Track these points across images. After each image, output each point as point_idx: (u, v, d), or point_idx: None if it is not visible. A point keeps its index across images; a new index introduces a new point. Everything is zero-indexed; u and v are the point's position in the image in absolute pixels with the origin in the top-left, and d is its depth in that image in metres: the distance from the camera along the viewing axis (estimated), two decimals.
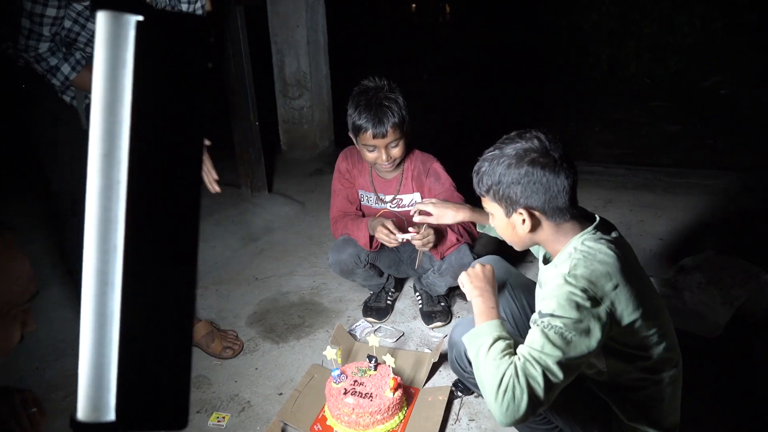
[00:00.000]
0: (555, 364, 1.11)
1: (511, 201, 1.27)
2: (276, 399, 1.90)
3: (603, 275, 1.18)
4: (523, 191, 1.24)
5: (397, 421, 1.74)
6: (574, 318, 1.13)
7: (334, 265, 2.20)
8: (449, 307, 2.33)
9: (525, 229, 1.29)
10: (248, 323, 2.34)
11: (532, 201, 1.25)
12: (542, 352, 1.12)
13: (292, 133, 4.33)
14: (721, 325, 2.04)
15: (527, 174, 1.23)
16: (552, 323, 1.14)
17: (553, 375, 1.11)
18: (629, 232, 2.96)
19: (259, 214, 3.32)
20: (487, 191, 1.30)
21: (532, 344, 1.14)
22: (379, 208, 2.26)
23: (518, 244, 1.38)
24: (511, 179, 1.24)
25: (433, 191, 2.16)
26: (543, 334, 1.14)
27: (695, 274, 2.21)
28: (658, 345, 1.27)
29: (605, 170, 3.87)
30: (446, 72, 7.36)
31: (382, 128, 1.98)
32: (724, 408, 1.76)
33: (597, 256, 1.21)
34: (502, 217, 1.31)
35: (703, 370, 1.92)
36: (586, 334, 1.14)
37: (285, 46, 4.09)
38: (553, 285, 1.20)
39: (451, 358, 1.57)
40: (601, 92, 6.46)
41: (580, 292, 1.15)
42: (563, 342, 1.12)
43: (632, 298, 1.21)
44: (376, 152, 2.05)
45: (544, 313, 1.17)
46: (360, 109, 2.00)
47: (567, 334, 1.13)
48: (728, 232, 2.90)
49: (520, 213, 1.27)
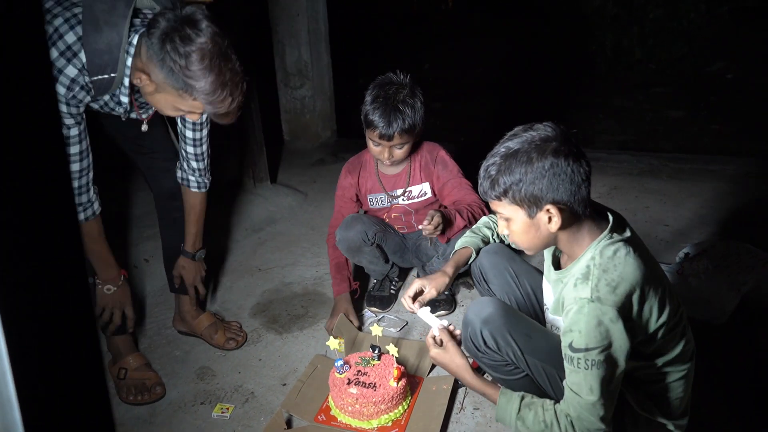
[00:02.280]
0: (603, 404, 1.17)
1: (536, 199, 1.18)
2: (280, 390, 1.90)
3: (627, 291, 1.15)
4: (549, 185, 1.16)
5: (401, 410, 1.73)
6: (608, 343, 1.13)
7: (342, 242, 2.19)
8: (453, 295, 2.32)
9: (553, 228, 1.21)
10: (251, 314, 2.33)
11: (560, 194, 1.17)
12: (593, 403, 1.16)
13: (294, 123, 4.31)
14: (728, 312, 2.02)
15: (553, 166, 1.15)
16: (590, 358, 1.13)
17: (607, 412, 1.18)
18: (635, 218, 2.94)
19: (261, 205, 3.30)
20: (504, 193, 1.21)
21: (579, 393, 1.17)
22: (390, 206, 2.25)
23: (537, 248, 1.31)
24: (535, 175, 1.16)
25: (441, 179, 2.16)
26: (587, 376, 1.15)
27: (701, 260, 2.19)
28: (678, 343, 1.25)
29: (609, 157, 3.83)
30: (448, 61, 7.30)
31: (390, 131, 1.97)
32: (730, 394, 1.74)
33: (617, 269, 1.16)
34: (524, 219, 1.23)
35: (710, 356, 1.91)
36: (622, 350, 1.15)
37: (286, 35, 4.05)
38: (576, 313, 1.15)
39: (465, 337, 1.53)
40: (604, 78, 6.40)
41: (608, 312, 1.12)
42: (607, 371, 1.14)
43: (656, 305, 1.19)
44: (380, 148, 2.05)
45: (578, 348, 1.14)
46: (375, 105, 1.99)
47: (609, 360, 1.14)
48: (734, 218, 2.87)
49: (547, 210, 1.19)
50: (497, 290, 1.65)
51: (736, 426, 1.63)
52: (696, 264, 2.18)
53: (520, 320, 1.46)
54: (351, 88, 4.67)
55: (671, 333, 1.23)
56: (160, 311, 2.34)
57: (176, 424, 1.77)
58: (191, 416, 1.80)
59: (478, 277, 1.69)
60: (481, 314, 1.44)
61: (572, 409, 1.21)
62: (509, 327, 1.40)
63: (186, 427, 1.76)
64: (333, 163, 3.89)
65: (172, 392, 1.90)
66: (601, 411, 1.18)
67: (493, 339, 1.41)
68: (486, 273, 1.66)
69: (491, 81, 6.48)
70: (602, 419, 1.19)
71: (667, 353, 1.26)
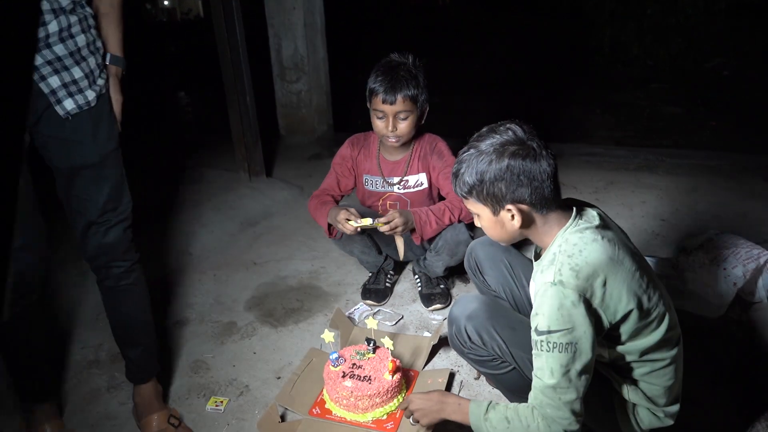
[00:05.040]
0: (567, 388, 1.16)
1: (497, 198, 1.24)
2: (274, 383, 1.89)
3: (590, 274, 1.16)
4: (508, 186, 1.21)
5: (396, 404, 1.72)
6: (569, 327, 1.14)
7: None
8: (448, 289, 2.31)
9: (515, 225, 1.26)
10: (246, 307, 2.32)
11: (519, 194, 1.22)
12: (554, 386, 1.16)
13: (291, 117, 4.29)
14: (724, 306, 2.02)
15: (509, 168, 1.20)
16: (551, 340, 1.15)
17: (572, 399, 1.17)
18: (631, 213, 2.93)
19: (257, 199, 3.29)
20: (469, 192, 1.27)
21: (542, 378, 1.18)
22: (384, 192, 2.24)
23: (507, 241, 1.36)
24: (494, 176, 1.21)
25: (436, 169, 2.16)
26: (548, 358, 1.16)
27: (697, 254, 2.19)
28: (657, 327, 1.25)
29: (606, 152, 3.83)
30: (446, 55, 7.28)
31: (393, 95, 1.99)
32: (725, 388, 1.74)
33: (582, 254, 1.18)
34: (489, 216, 1.28)
35: (705, 350, 1.91)
36: (586, 337, 1.15)
37: (281, 29, 4.03)
38: (541, 296, 1.19)
39: (450, 335, 1.56)
40: (602, 74, 6.40)
41: (569, 296, 1.14)
42: (568, 355, 1.14)
43: (625, 288, 1.19)
44: (384, 121, 2.05)
45: (541, 330, 1.17)
46: (377, 74, 2.03)
47: (569, 344, 1.14)
48: (730, 213, 2.87)
49: (508, 209, 1.24)
50: (492, 281, 1.64)
51: (730, 416, 1.63)
52: (692, 258, 2.18)
53: (504, 314, 1.48)
54: (348, 82, 4.66)
55: (648, 317, 1.23)
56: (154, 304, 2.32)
57: None
58: (185, 409, 1.79)
59: (474, 269, 1.69)
60: (465, 310, 1.47)
61: (533, 395, 1.21)
62: (493, 321, 1.43)
63: None
64: (329, 157, 3.85)
65: (166, 386, 1.89)
66: (563, 396, 1.16)
67: (477, 334, 1.43)
68: (481, 264, 1.66)
69: (489, 76, 6.47)
70: (567, 406, 1.17)
71: (646, 338, 1.25)
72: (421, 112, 2.09)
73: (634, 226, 2.78)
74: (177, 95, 6.72)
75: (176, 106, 6.24)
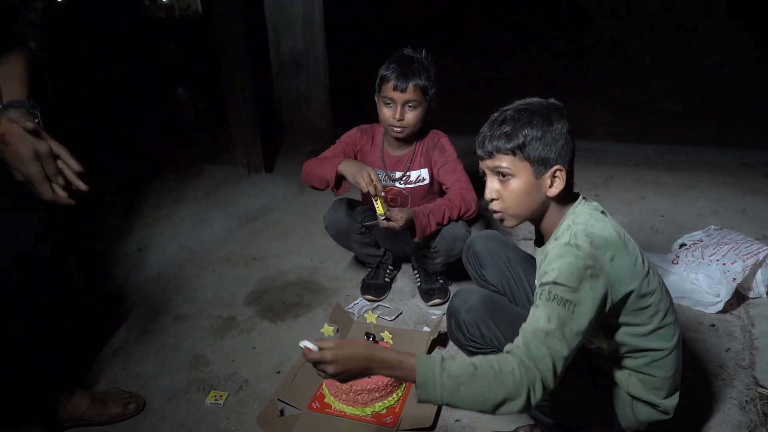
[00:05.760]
0: (561, 340, 1.07)
1: (547, 160, 1.20)
2: (274, 377, 1.89)
3: (602, 245, 1.16)
4: (562, 149, 1.20)
5: (395, 398, 1.72)
6: (574, 286, 1.11)
7: (331, 225, 2.19)
8: (447, 284, 2.31)
9: (553, 192, 1.23)
10: (246, 302, 2.32)
11: (564, 160, 1.21)
12: (548, 330, 1.07)
13: (289, 113, 4.28)
14: (722, 301, 2.02)
15: (568, 131, 1.21)
16: (554, 291, 1.11)
17: (559, 352, 1.07)
18: (630, 209, 2.93)
19: (256, 194, 3.29)
20: (521, 147, 1.20)
21: (536, 323, 1.09)
22: (386, 186, 2.24)
23: (526, 215, 1.28)
24: (554, 136, 1.19)
25: (437, 163, 2.17)
26: (546, 306, 1.10)
27: (696, 249, 2.19)
28: (655, 316, 1.25)
29: (605, 148, 3.83)
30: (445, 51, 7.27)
31: (405, 83, 2.00)
32: (724, 383, 1.74)
33: (595, 227, 1.19)
34: (529, 179, 1.22)
35: (704, 345, 1.91)
36: (587, 304, 1.12)
37: (280, 24, 4.02)
38: (554, 254, 1.17)
39: (449, 326, 1.54)
40: (602, 70, 6.38)
41: (582, 258, 1.13)
42: (566, 311, 1.09)
43: (628, 268, 1.19)
44: (392, 108, 2.05)
45: (546, 281, 1.13)
46: (390, 63, 2.05)
47: (570, 302, 1.09)
48: (729, 208, 2.87)
49: (554, 172, 1.21)
50: (490, 275, 1.64)
51: (728, 411, 1.63)
52: (691, 253, 2.18)
53: (503, 307, 1.48)
54: (347, 78, 4.65)
55: (647, 301, 1.22)
56: (154, 299, 2.33)
57: (169, 411, 1.76)
58: (184, 404, 1.79)
59: (472, 263, 1.69)
60: (465, 304, 1.46)
61: (516, 341, 1.09)
62: (492, 314, 1.42)
63: (179, 414, 1.75)
64: None
65: (165, 380, 1.89)
66: (552, 344, 1.06)
67: (476, 327, 1.42)
68: (480, 258, 1.66)
69: (488, 72, 6.46)
70: (551, 355, 1.05)
71: (646, 327, 1.24)
72: (429, 107, 2.09)
73: (634, 222, 2.78)
74: (176, 91, 6.71)
75: (175, 102, 6.23)
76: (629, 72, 6.22)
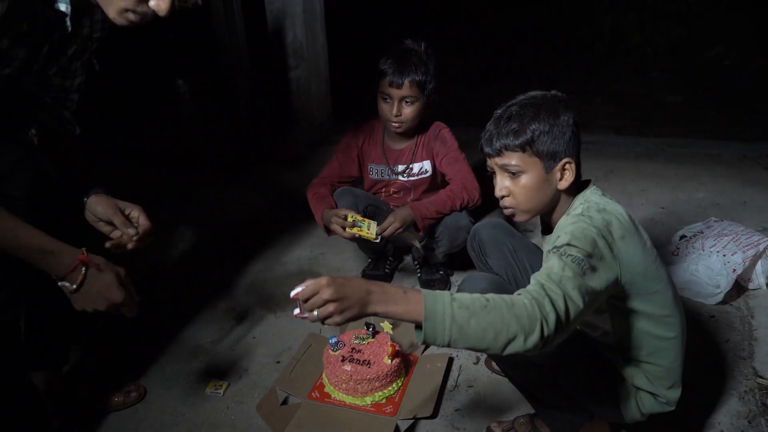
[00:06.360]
0: (575, 288, 1.01)
1: (556, 153, 1.20)
2: (273, 367, 1.89)
3: (613, 223, 1.17)
4: (569, 141, 1.20)
5: (395, 387, 1.73)
6: (589, 250, 1.09)
7: None
8: (448, 275, 2.31)
9: (563, 185, 1.23)
10: (246, 292, 2.32)
11: (572, 152, 1.22)
12: (562, 275, 1.02)
13: (289, 105, 4.27)
14: (722, 292, 2.02)
15: (574, 123, 1.21)
16: (569, 252, 1.07)
17: (573, 300, 1.00)
18: (631, 201, 2.93)
19: (256, 186, 3.29)
20: (529, 142, 1.19)
21: (550, 269, 1.04)
22: (390, 180, 2.23)
23: (537, 209, 1.28)
24: (561, 128, 1.19)
25: (439, 154, 2.17)
26: (561, 261, 1.06)
27: (697, 241, 2.18)
28: (662, 303, 1.25)
29: (606, 140, 3.81)
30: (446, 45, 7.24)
31: (401, 78, 1.99)
32: (724, 375, 1.75)
33: (607, 207, 1.21)
34: (539, 174, 1.22)
35: (704, 336, 1.91)
36: (599, 272, 1.10)
37: (281, 15, 4.00)
38: (566, 223, 1.17)
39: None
40: (602, 63, 6.36)
41: (595, 228, 1.14)
42: (580, 270, 1.05)
43: (638, 248, 1.20)
44: (389, 104, 2.05)
45: (559, 244, 1.10)
46: (388, 57, 2.03)
47: (583, 264, 1.06)
48: (730, 200, 2.87)
49: (564, 165, 1.22)
50: (495, 264, 1.63)
51: (729, 403, 1.64)
52: (691, 245, 2.18)
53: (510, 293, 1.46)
54: (347, 70, 4.63)
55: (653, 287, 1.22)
56: (155, 290, 2.33)
57: (169, 400, 1.77)
58: (184, 393, 1.79)
59: (477, 251, 1.68)
60: (475, 290, 1.44)
61: (532, 282, 1.05)
62: None
63: (179, 403, 1.75)
64: (328, 144, 3.85)
65: (165, 369, 1.89)
66: (568, 287, 1.01)
67: None
68: (484, 246, 1.65)
69: (489, 65, 6.44)
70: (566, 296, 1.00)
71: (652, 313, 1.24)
72: (428, 102, 2.08)
73: (634, 214, 2.72)
74: (175, 83, 6.68)
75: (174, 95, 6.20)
76: (630, 64, 6.20)
